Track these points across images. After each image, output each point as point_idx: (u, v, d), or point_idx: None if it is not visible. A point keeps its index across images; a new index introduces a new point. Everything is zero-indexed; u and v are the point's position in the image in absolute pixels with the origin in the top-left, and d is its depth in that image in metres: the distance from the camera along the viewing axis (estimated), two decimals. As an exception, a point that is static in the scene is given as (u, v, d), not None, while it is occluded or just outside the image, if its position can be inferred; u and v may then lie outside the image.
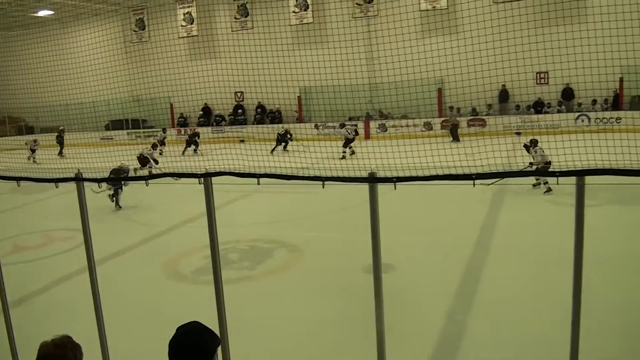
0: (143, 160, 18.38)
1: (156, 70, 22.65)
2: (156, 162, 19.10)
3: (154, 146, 20.43)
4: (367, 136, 26.61)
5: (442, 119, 25.92)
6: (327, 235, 11.02)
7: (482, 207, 12.02)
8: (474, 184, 3.26)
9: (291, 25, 27.12)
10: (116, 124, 32.72)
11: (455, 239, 10.15)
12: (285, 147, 24.13)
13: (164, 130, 27.38)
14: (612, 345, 5.99)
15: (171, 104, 31.62)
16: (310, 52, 21.71)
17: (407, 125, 26.17)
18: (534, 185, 13.30)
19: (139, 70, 26.44)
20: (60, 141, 28.49)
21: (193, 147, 25.28)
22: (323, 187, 3.59)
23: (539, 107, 25.19)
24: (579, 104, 24.66)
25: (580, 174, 3.11)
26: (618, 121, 23.20)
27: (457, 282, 8.10)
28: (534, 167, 13.03)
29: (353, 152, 21.25)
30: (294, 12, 27.12)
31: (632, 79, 22.35)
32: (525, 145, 14.07)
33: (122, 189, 14.07)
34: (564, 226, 3.87)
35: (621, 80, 23.35)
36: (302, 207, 13.38)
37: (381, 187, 3.53)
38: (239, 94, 30.84)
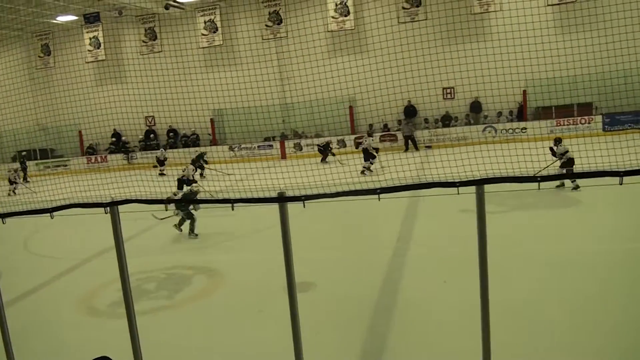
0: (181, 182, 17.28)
1: (63, 97, 21.93)
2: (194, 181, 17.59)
3: (194, 162, 18.47)
4: (283, 156, 26.72)
5: (355, 135, 26.34)
6: (246, 257, 10.92)
7: (397, 219, 12.26)
8: (379, 198, 3.33)
9: (201, 47, 26.97)
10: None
11: (373, 252, 10.30)
12: (323, 159, 23.54)
13: (165, 148, 26.15)
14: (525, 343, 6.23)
15: (80, 132, 30.61)
16: (221, 74, 21.63)
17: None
18: (557, 186, 13.86)
19: (46, 98, 25.59)
20: (24, 167, 27.67)
21: (199, 171, 22.35)
22: (232, 210, 3.58)
23: (447, 120, 26.03)
24: (485, 117, 25.72)
25: (479, 183, 3.24)
26: (523, 131, 24.36)
27: (377, 295, 8.19)
28: (560, 165, 13.91)
29: (371, 168, 19.97)
30: (202, 34, 26.98)
31: (534, 91, 23.77)
32: (551, 148, 14.52)
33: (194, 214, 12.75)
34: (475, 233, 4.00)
35: (524, 92, 24.66)
36: (219, 230, 13.19)
37: (299, 205, 3.54)
38: (150, 119, 30.27)
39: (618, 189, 4.08)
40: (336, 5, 25.18)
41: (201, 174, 22.10)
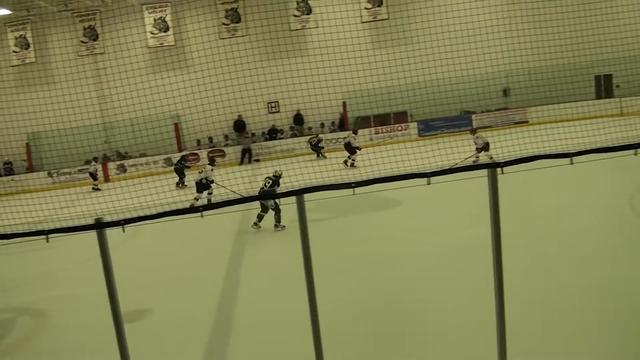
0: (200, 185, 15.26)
1: None
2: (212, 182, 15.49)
3: (211, 161, 16.26)
4: (107, 178, 25.36)
5: (181, 153, 25.93)
6: (71, 293, 10.18)
7: (229, 236, 12.26)
8: (202, 216, 3.32)
9: (12, 66, 25.04)
10: None
11: (207, 271, 10.22)
12: (318, 154, 23.88)
13: (96, 160, 23.60)
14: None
15: None
16: (35, 95, 20.26)
17: (148, 163, 25.59)
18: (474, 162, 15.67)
19: None
20: None
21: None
22: (47, 242, 3.36)
23: (273, 133, 26.45)
24: (309, 128, 26.52)
25: (298, 193, 3.37)
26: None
27: (213, 314, 8.12)
28: (482, 152, 16.86)
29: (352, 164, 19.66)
30: (14, 52, 25.06)
31: (353, 102, 25.10)
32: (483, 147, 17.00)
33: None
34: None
35: (344, 104, 25.90)
36: (39, 266, 12.07)
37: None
38: (-43, 147, 27.50)
39: (428, 188, 4.41)
40: (154, 20, 24.66)
41: (178, 183, 20.35)
